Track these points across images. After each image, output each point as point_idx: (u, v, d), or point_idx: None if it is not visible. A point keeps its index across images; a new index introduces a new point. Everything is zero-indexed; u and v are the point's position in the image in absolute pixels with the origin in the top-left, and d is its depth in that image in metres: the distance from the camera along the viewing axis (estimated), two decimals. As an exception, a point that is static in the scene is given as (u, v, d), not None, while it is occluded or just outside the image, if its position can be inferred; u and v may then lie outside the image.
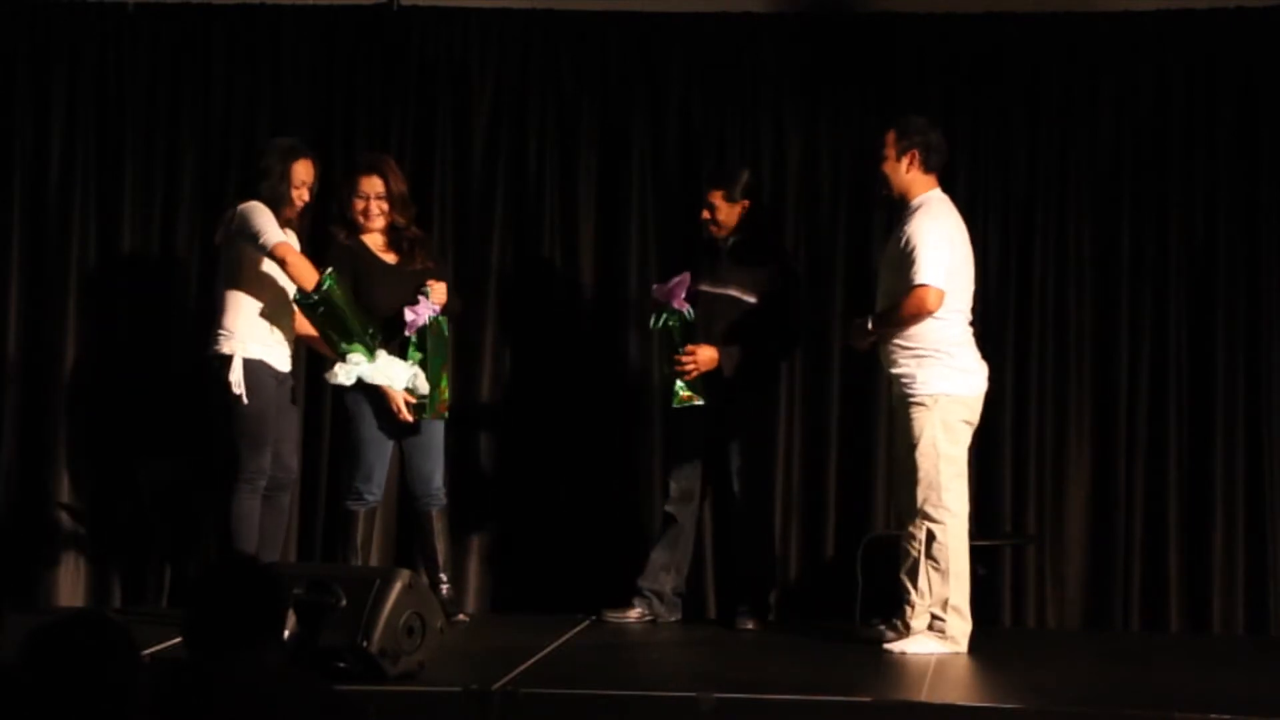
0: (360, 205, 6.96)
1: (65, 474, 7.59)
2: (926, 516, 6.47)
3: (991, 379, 7.50)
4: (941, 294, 6.45)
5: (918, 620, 6.63)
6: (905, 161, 6.60)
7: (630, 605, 7.20)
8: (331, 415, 7.61)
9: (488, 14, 7.77)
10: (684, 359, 6.97)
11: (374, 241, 7.03)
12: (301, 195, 6.76)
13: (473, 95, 7.75)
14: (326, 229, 7.07)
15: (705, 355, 7.01)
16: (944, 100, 7.63)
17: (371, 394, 6.94)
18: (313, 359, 7.56)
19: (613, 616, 7.17)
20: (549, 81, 7.77)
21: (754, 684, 5.87)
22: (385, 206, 6.99)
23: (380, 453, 7.02)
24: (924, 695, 5.76)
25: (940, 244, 6.49)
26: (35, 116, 7.69)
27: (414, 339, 6.88)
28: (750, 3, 7.72)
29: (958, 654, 6.45)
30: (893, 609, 6.66)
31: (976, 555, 7.34)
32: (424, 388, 6.83)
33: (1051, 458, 7.57)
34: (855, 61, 7.66)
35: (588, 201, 7.76)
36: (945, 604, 6.47)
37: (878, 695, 5.74)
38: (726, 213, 7.12)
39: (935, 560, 6.47)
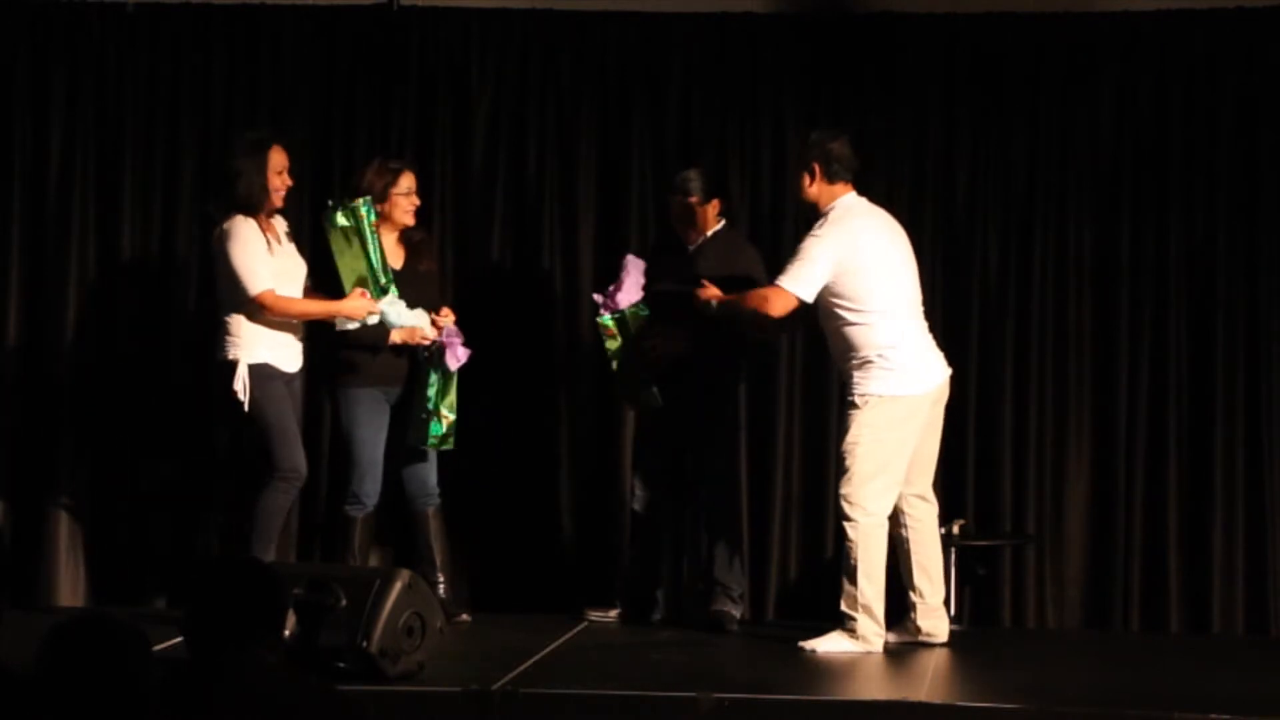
0: (404, 203, 7.04)
1: (65, 474, 7.59)
2: (841, 514, 6.56)
3: (991, 379, 7.53)
4: (793, 302, 6.52)
5: (925, 621, 6.65)
6: (807, 177, 6.69)
7: (612, 605, 7.22)
8: (331, 416, 7.61)
9: (488, 14, 7.77)
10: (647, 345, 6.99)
11: (388, 244, 7.08)
12: (284, 181, 6.78)
13: (473, 95, 7.75)
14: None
15: (710, 292, 6.97)
16: (944, 100, 7.64)
17: (366, 398, 6.99)
18: (311, 362, 7.55)
19: (595, 615, 7.18)
20: (549, 81, 7.77)
21: (754, 684, 5.88)
22: (417, 202, 7.10)
23: (376, 456, 7.04)
24: (924, 695, 5.76)
25: (820, 257, 6.55)
26: (35, 116, 7.68)
27: (445, 373, 6.98)
28: (750, 3, 7.72)
29: (871, 654, 6.47)
30: (893, 610, 6.66)
31: (977, 555, 7.38)
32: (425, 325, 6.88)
33: (1051, 458, 7.57)
34: (855, 61, 7.66)
35: (587, 201, 7.76)
36: (856, 603, 6.50)
37: (877, 695, 5.74)
38: (702, 215, 7.14)
39: (848, 558, 6.54)
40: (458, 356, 7.02)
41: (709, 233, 7.18)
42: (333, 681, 4.53)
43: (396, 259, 7.11)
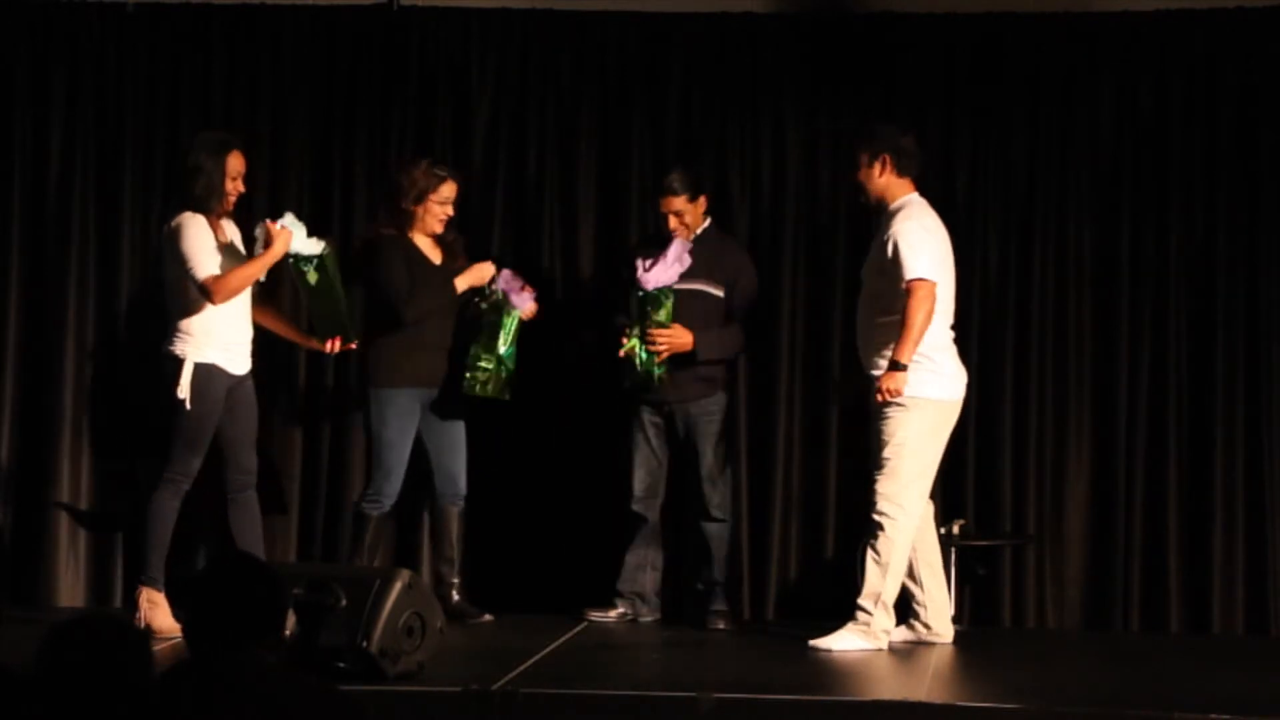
0: (439, 210, 7.13)
1: (65, 474, 7.59)
2: (880, 510, 6.53)
3: (991, 379, 7.53)
4: (934, 286, 6.47)
5: (936, 620, 6.66)
6: (878, 167, 6.67)
7: (612, 605, 7.23)
8: (331, 416, 7.62)
9: (488, 14, 7.77)
10: (657, 334, 6.99)
11: (422, 242, 7.16)
12: (237, 187, 6.76)
13: (473, 95, 7.75)
14: (369, 224, 7.39)
15: (681, 337, 7.04)
16: (944, 100, 7.64)
17: (398, 399, 7.03)
18: (312, 361, 7.55)
19: (595, 616, 7.19)
20: (549, 81, 7.77)
21: (754, 684, 5.88)
22: (451, 212, 7.17)
23: (401, 459, 7.09)
24: (924, 695, 5.76)
25: (924, 240, 6.54)
26: (35, 116, 7.68)
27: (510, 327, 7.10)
28: (750, 3, 7.72)
29: (880, 651, 6.48)
30: (898, 610, 6.66)
31: (977, 555, 7.38)
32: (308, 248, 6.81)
33: (1051, 458, 7.57)
34: (855, 61, 7.65)
35: (587, 201, 7.76)
36: (877, 599, 6.50)
37: (878, 695, 5.74)
38: (693, 213, 7.19)
39: (878, 554, 6.52)
40: (524, 301, 7.15)
41: (698, 230, 7.20)
42: (333, 681, 4.52)
43: (435, 258, 7.20)
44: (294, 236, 6.72)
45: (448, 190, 7.15)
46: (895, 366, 6.49)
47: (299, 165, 7.73)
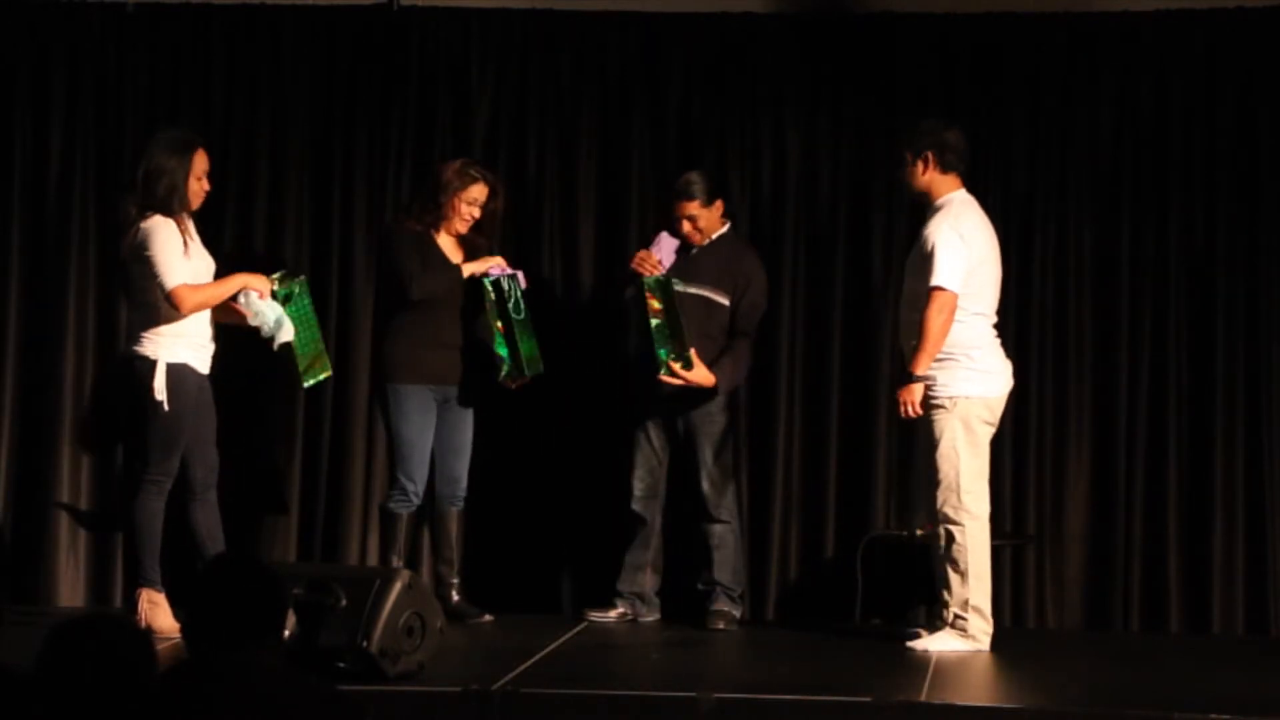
0: (465, 211, 7.13)
1: (65, 474, 7.59)
2: (946, 519, 6.51)
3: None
4: (955, 296, 6.45)
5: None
6: (921, 164, 6.62)
7: (612, 605, 7.23)
8: (331, 415, 7.61)
9: (488, 14, 7.77)
10: (675, 368, 7.00)
11: (445, 241, 7.18)
12: (204, 186, 6.72)
13: (473, 95, 7.75)
14: (396, 214, 7.43)
15: (703, 378, 7.04)
16: (944, 100, 7.62)
17: (414, 394, 7.05)
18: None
19: (595, 616, 7.19)
20: (549, 81, 7.77)
21: (754, 684, 5.89)
22: (477, 214, 7.14)
23: (424, 453, 7.11)
24: (924, 695, 5.77)
25: (954, 246, 6.49)
26: (35, 116, 7.68)
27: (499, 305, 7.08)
28: (750, 3, 7.72)
29: (979, 652, 6.48)
30: (892, 608, 6.65)
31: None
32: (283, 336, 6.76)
33: (1051, 458, 7.57)
34: (855, 61, 7.66)
35: (587, 202, 7.76)
36: (965, 604, 6.50)
37: (878, 695, 5.74)
38: (707, 218, 7.17)
39: (955, 561, 6.51)
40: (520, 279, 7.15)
41: (714, 235, 7.20)
42: (333, 681, 4.53)
43: (457, 258, 7.18)
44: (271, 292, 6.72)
45: (476, 191, 7.13)
46: (909, 379, 6.48)
47: (299, 165, 7.73)
